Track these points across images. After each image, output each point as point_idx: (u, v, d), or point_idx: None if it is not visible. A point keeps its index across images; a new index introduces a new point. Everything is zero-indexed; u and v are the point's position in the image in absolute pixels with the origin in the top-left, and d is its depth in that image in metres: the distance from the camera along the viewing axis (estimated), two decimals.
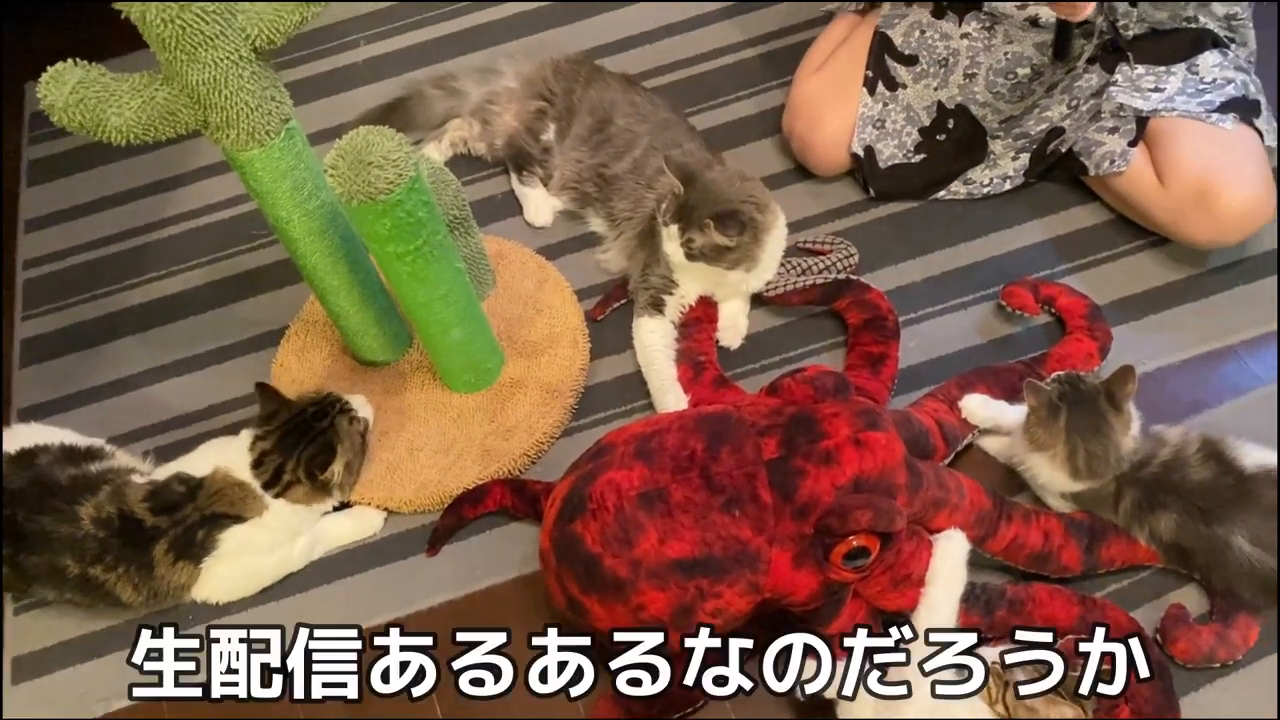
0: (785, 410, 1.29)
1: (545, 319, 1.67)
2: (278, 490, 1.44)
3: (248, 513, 1.44)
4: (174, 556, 1.42)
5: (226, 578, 1.46)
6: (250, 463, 1.45)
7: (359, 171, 1.21)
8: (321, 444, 1.46)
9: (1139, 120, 1.62)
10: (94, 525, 1.39)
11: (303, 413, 1.47)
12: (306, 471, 1.44)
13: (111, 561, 1.40)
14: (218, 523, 1.43)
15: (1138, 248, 1.67)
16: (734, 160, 1.83)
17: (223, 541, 1.43)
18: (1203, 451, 1.33)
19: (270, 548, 1.48)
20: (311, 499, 1.48)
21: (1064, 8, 1.49)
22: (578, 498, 1.27)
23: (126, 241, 1.95)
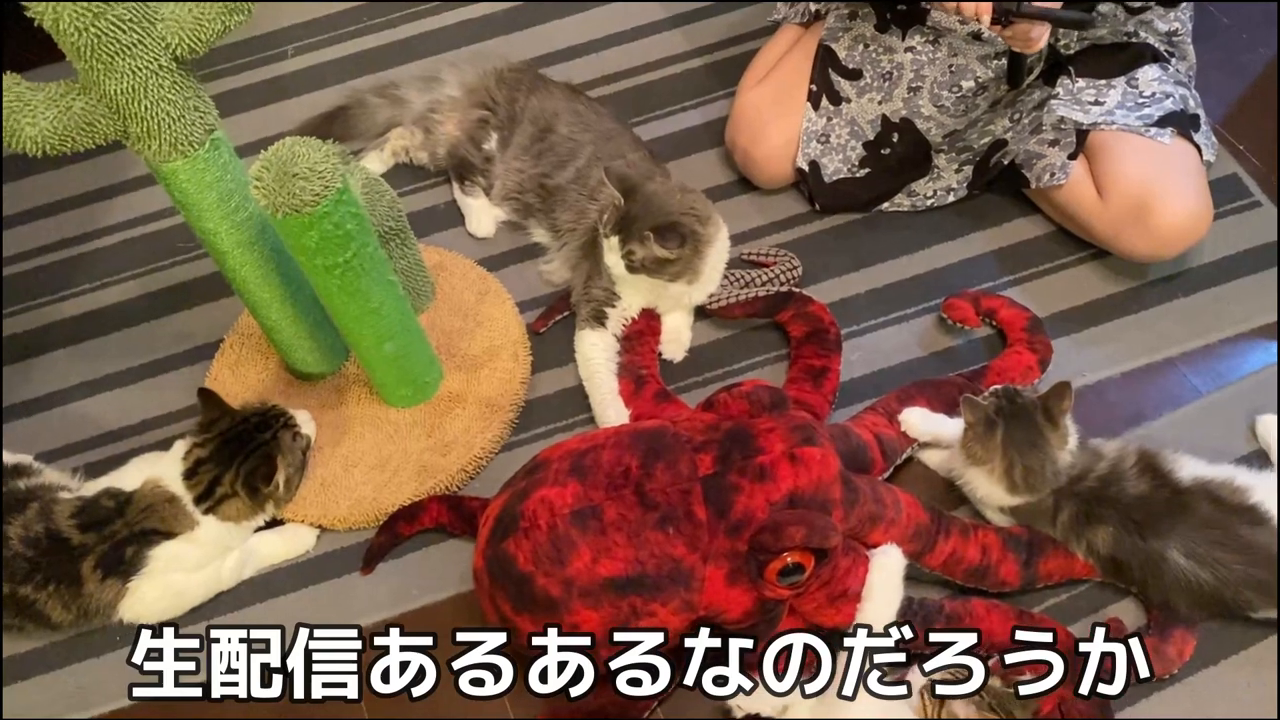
0: (721, 426, 1.28)
1: (486, 332, 1.64)
2: (210, 504, 1.41)
3: (178, 528, 1.40)
4: (102, 574, 1.38)
5: (154, 597, 1.42)
6: (183, 472, 1.41)
7: (284, 183, 1.18)
8: (262, 456, 1.43)
9: (1079, 133, 1.62)
10: (22, 544, 1.36)
11: (245, 422, 1.44)
12: (246, 484, 1.41)
13: (41, 580, 1.37)
14: (147, 539, 1.39)
15: (1078, 260, 1.67)
16: (679, 171, 1.82)
17: (152, 559, 1.39)
18: (1139, 465, 1.34)
19: (199, 565, 1.44)
20: (244, 515, 1.44)
21: (1018, 42, 1.48)
22: (510, 516, 1.25)
23: (59, 252, 1.91)
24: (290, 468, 1.46)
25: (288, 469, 1.45)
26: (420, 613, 1.44)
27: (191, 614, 1.46)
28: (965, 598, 1.33)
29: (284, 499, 1.48)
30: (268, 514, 1.48)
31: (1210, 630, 1.31)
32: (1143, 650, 1.17)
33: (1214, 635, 1.31)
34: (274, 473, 1.43)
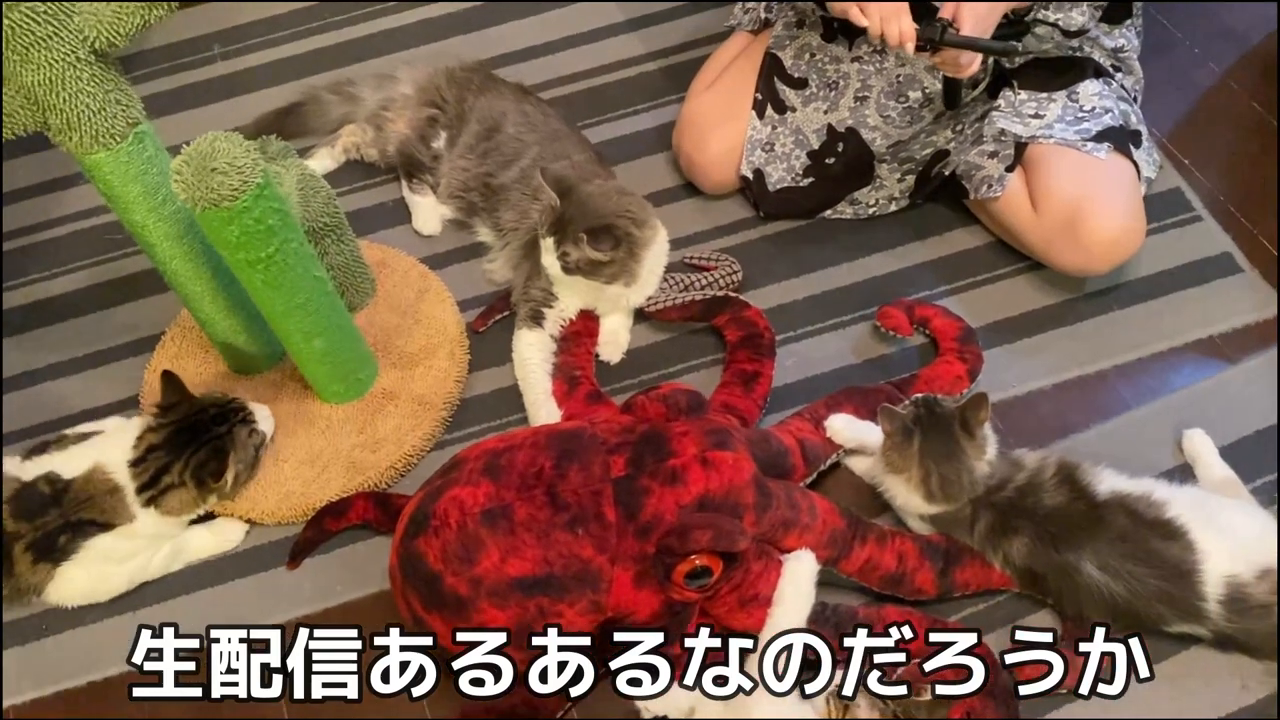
0: (637, 428, 1.28)
1: (424, 330, 1.65)
2: (153, 494, 1.40)
3: (116, 520, 1.40)
4: (33, 557, 1.38)
5: (81, 582, 1.42)
6: (131, 459, 1.41)
7: (203, 178, 1.19)
8: (213, 449, 1.42)
9: (1018, 146, 1.63)
10: None
11: (203, 412, 1.44)
12: (195, 477, 1.41)
13: None
14: (83, 529, 1.39)
15: (1016, 271, 1.68)
16: (626, 174, 1.82)
17: (85, 548, 1.40)
18: (1058, 476, 1.34)
19: (131, 556, 1.45)
20: (186, 508, 1.44)
21: (948, 67, 1.49)
22: (422, 514, 1.25)
23: (10, 242, 1.91)
24: (240, 464, 1.46)
25: (237, 465, 1.45)
26: (343, 608, 1.44)
27: (118, 603, 1.46)
28: (880, 604, 1.33)
29: (229, 495, 1.48)
30: (207, 508, 1.48)
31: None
32: (1143, 650, 1.18)
33: None
34: (224, 469, 1.43)
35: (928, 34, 1.41)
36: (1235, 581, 1.26)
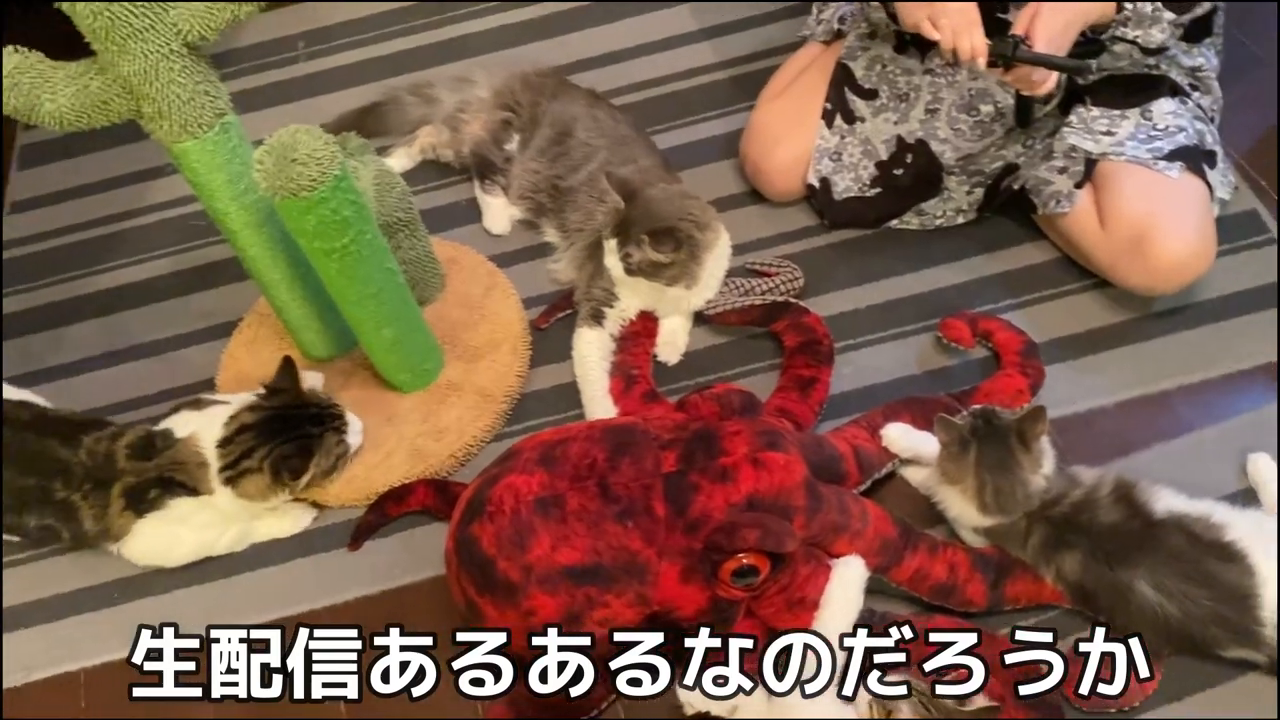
0: (690, 426, 1.30)
1: (489, 325, 1.69)
2: (233, 475, 1.45)
3: (200, 489, 1.46)
4: (124, 503, 1.45)
5: (152, 541, 1.48)
6: (220, 439, 1.45)
7: (283, 168, 1.24)
8: (300, 445, 1.46)
9: (1088, 162, 1.61)
10: (87, 456, 1.45)
11: (304, 408, 1.49)
12: (273, 468, 1.45)
13: (87, 489, 1.45)
14: (172, 488, 1.45)
15: (1083, 288, 1.66)
16: (693, 180, 1.85)
17: (169, 507, 1.46)
18: (1114, 494, 1.33)
19: (205, 526, 1.50)
20: (260, 495, 1.48)
21: (1022, 84, 1.48)
22: (478, 501, 1.29)
23: (102, 228, 2.01)
24: (319, 469, 1.49)
25: (316, 469, 1.48)
26: (400, 591, 1.48)
27: (184, 575, 1.52)
28: (928, 614, 1.33)
29: (298, 493, 1.51)
30: (280, 500, 1.51)
31: (1179, 666, 1.30)
32: (1143, 650, 1.17)
33: (1182, 671, 1.30)
34: (304, 470, 1.46)
35: (999, 50, 1.41)
36: None
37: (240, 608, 1.48)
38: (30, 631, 1.50)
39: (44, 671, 1.46)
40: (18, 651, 1.49)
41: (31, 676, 1.46)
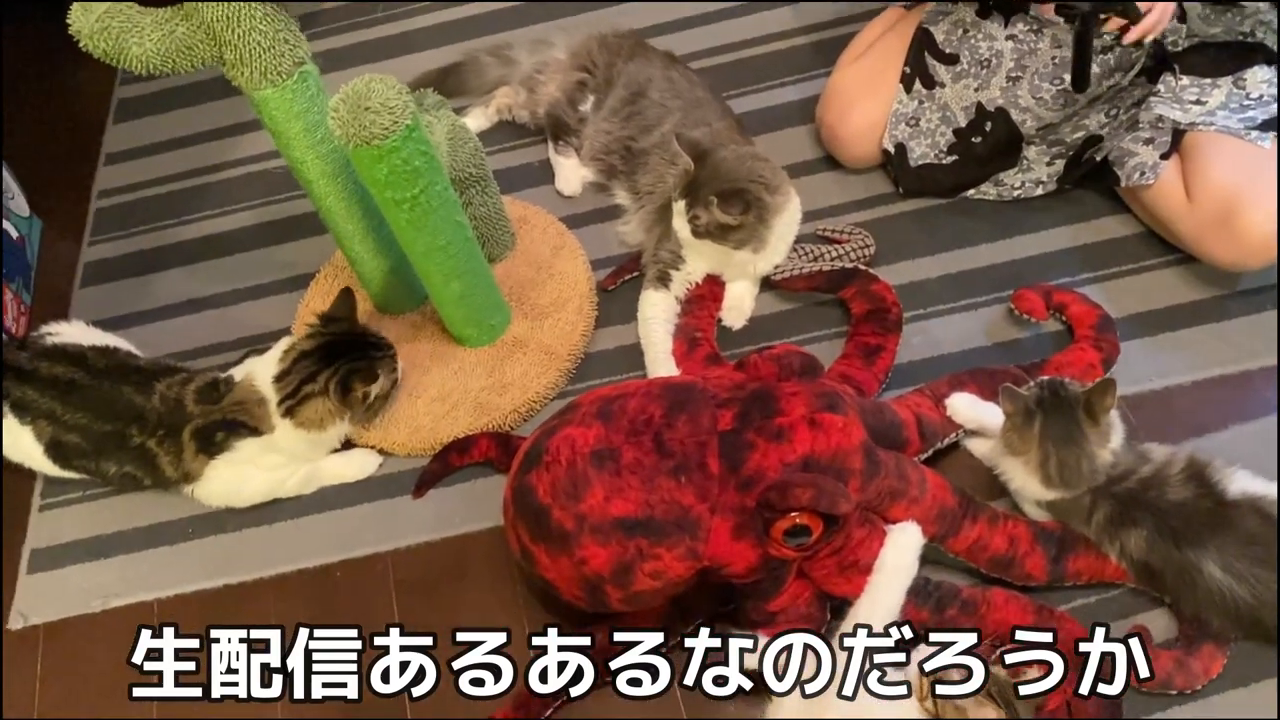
0: (748, 385, 1.30)
1: (556, 284, 1.70)
2: (292, 404, 1.48)
3: (262, 428, 1.50)
4: (196, 446, 1.50)
5: (223, 482, 1.53)
6: (276, 373, 1.49)
7: (357, 116, 1.26)
8: (366, 361, 1.50)
9: (1175, 132, 1.56)
10: (160, 401, 1.51)
11: (362, 336, 1.53)
12: (342, 381, 1.47)
13: (161, 435, 1.50)
14: (236, 430, 1.50)
15: (1165, 263, 1.61)
16: (767, 145, 1.83)
17: (236, 448, 1.50)
18: (1186, 472, 1.29)
19: (272, 468, 1.55)
20: (321, 421, 1.50)
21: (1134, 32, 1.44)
22: (536, 451, 1.30)
23: (191, 180, 2.07)
24: (382, 387, 1.52)
25: (379, 389, 1.52)
26: (460, 539, 1.51)
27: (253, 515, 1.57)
28: (986, 586, 1.31)
29: (361, 416, 1.55)
30: (340, 429, 1.54)
31: (1246, 651, 1.26)
32: (1143, 650, 1.13)
33: (1250, 657, 1.26)
34: (375, 378, 1.50)
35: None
36: None
37: (306, 548, 1.53)
38: (110, 561, 1.57)
39: (120, 600, 1.53)
40: (96, 580, 1.55)
41: (109, 604, 1.52)
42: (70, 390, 1.52)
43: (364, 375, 1.50)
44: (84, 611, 1.52)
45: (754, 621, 1.29)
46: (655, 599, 1.27)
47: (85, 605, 1.53)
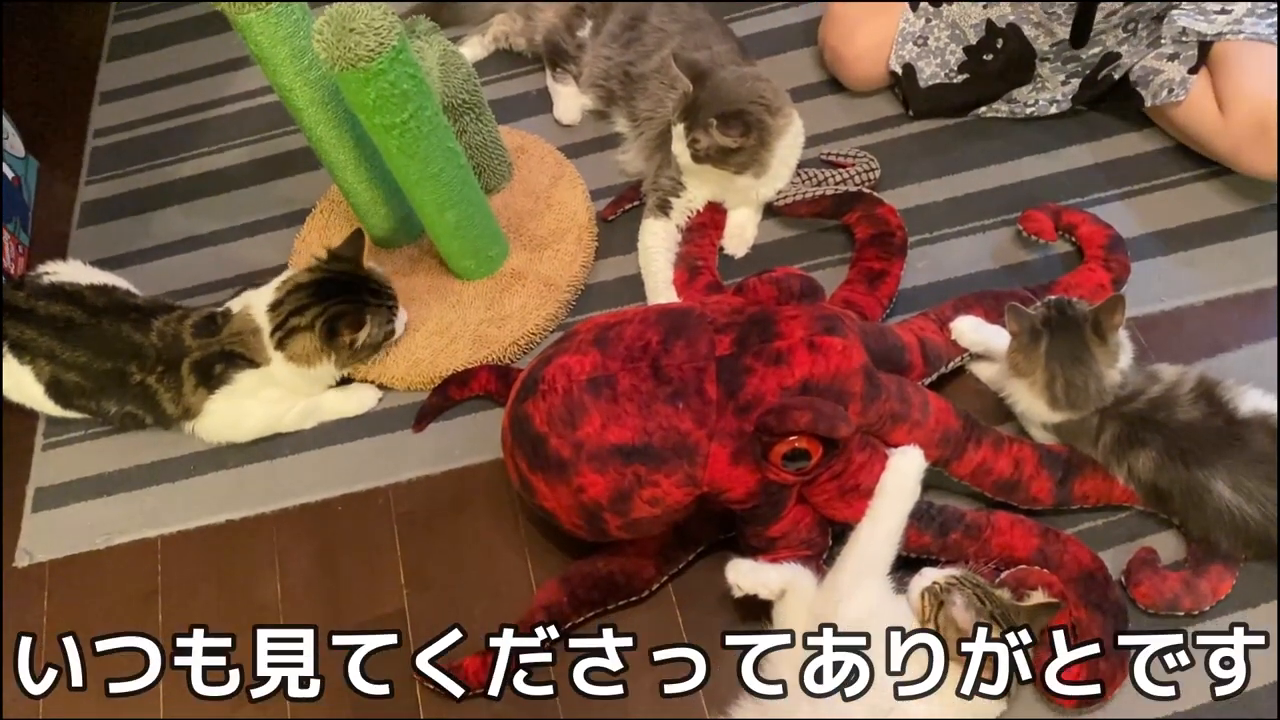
0: (746, 309, 1.27)
1: (555, 214, 1.67)
2: (281, 336, 1.47)
3: (258, 359, 1.49)
4: (195, 379, 1.49)
5: (223, 416, 1.52)
6: (270, 301, 1.48)
7: (342, 38, 1.23)
8: (356, 307, 1.48)
9: (1201, 45, 1.51)
10: (158, 338, 1.50)
11: (365, 279, 1.50)
12: (327, 324, 1.46)
13: (161, 372, 1.50)
14: (234, 362, 1.49)
15: (1192, 178, 1.57)
16: (770, 68, 1.78)
17: (234, 381, 1.49)
18: (1196, 391, 1.26)
19: (271, 402, 1.54)
20: (309, 358, 1.49)
21: None
22: (532, 380, 1.28)
23: (186, 117, 2.05)
24: (369, 339, 1.50)
25: (366, 337, 1.50)
26: (461, 472, 1.50)
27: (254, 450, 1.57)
28: (990, 510, 1.29)
29: (347, 360, 1.53)
30: (331, 368, 1.52)
31: (1255, 571, 1.24)
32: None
33: (1259, 577, 1.24)
34: (361, 325, 1.48)
35: None
36: None
37: (308, 483, 1.52)
38: (113, 499, 1.57)
39: (124, 537, 1.53)
40: (100, 517, 1.55)
41: (113, 541, 1.53)
42: (68, 329, 1.51)
43: (350, 321, 1.47)
44: (89, 549, 1.53)
45: (754, 548, 1.28)
46: (655, 526, 1.26)
47: (90, 542, 1.53)
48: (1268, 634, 1.16)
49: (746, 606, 1.25)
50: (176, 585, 1.47)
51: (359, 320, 1.48)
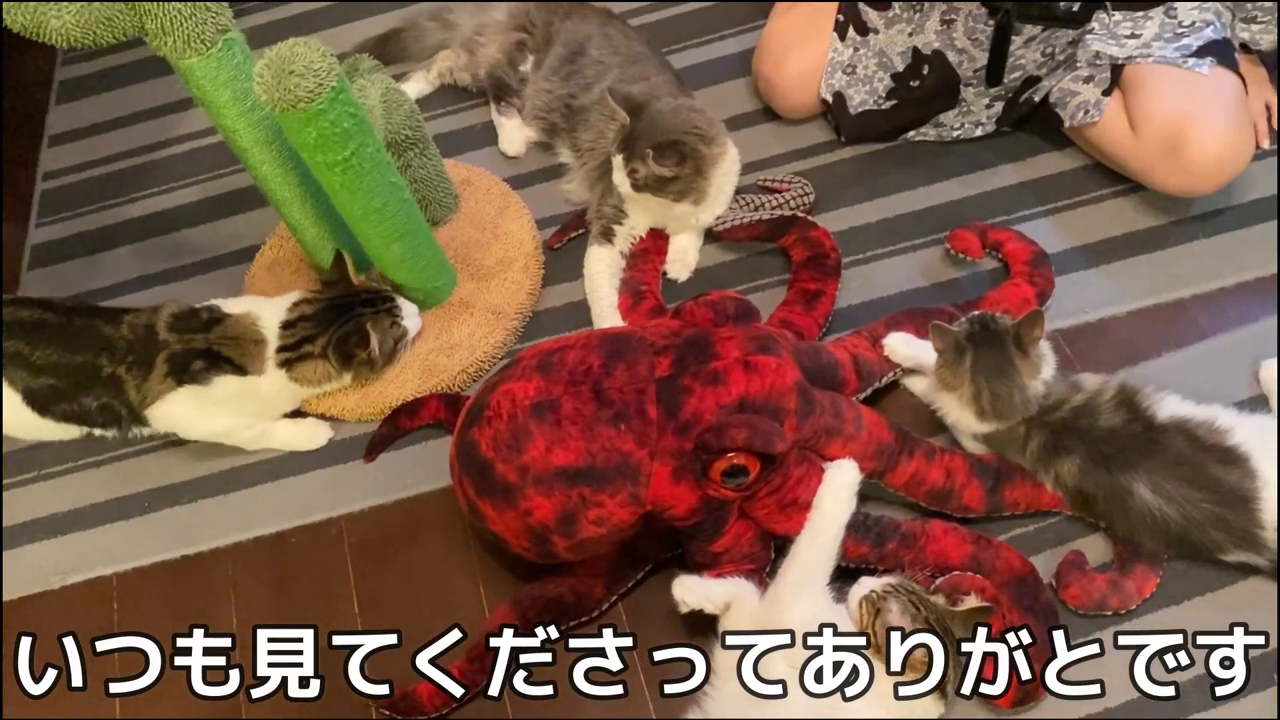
0: (684, 332, 1.31)
1: (501, 244, 1.71)
2: (290, 357, 1.49)
3: (249, 368, 1.49)
4: (167, 370, 1.49)
5: (183, 411, 1.51)
6: (284, 321, 1.50)
7: (281, 80, 1.26)
8: (356, 325, 1.50)
9: (1114, 68, 1.58)
10: (129, 330, 1.50)
11: (355, 296, 1.53)
12: (337, 349, 1.49)
13: (130, 363, 1.49)
14: (217, 363, 1.49)
15: (1111, 194, 1.64)
16: (708, 99, 1.84)
17: (213, 383, 1.49)
18: (1116, 399, 1.32)
19: (239, 413, 1.54)
20: (313, 380, 1.51)
21: None
22: (477, 407, 1.32)
23: (135, 158, 2.06)
24: (381, 348, 1.52)
25: (379, 342, 1.51)
26: (413, 500, 1.53)
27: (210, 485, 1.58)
28: (925, 519, 1.34)
29: (366, 374, 1.55)
30: (337, 384, 1.54)
31: (1179, 570, 1.29)
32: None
33: (1182, 575, 1.29)
34: (367, 341, 1.49)
35: None
36: None
37: (261, 516, 1.54)
38: (67, 539, 1.58)
39: (79, 575, 1.53)
40: (54, 557, 1.56)
41: (67, 580, 1.53)
42: (39, 329, 1.51)
43: (357, 341, 1.50)
44: (44, 589, 1.53)
45: (700, 564, 1.31)
46: (601, 546, 1.30)
47: (45, 582, 1.53)
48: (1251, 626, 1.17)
49: (694, 622, 1.28)
50: (132, 621, 1.48)
51: (363, 335, 1.50)
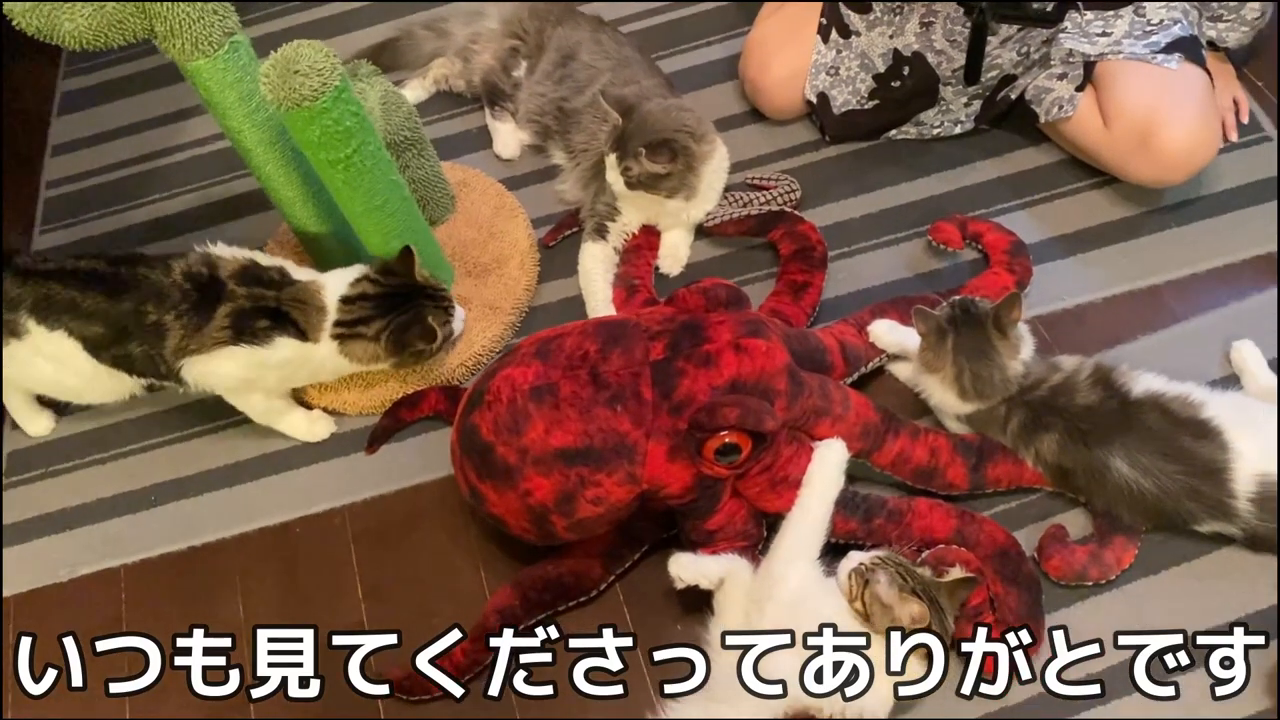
0: (678, 317, 1.36)
1: (497, 242, 1.76)
2: (343, 333, 1.48)
3: (310, 334, 1.48)
4: (228, 323, 1.45)
5: (229, 363, 1.48)
6: (344, 295, 1.48)
7: (286, 79, 1.31)
8: (417, 315, 1.50)
9: (1086, 65, 1.64)
10: (183, 278, 1.47)
11: (421, 289, 1.51)
12: (394, 338, 1.48)
13: (181, 311, 1.45)
14: (283, 324, 1.47)
15: (1086, 187, 1.70)
16: (696, 102, 1.88)
17: (274, 343, 1.47)
18: (1093, 378, 1.37)
19: (278, 380, 1.55)
20: (363, 359, 1.50)
21: None
22: (478, 392, 1.36)
23: (138, 166, 2.11)
24: (442, 338, 1.52)
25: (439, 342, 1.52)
26: (414, 490, 1.57)
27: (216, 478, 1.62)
28: (911, 496, 1.38)
29: (409, 364, 1.55)
30: (382, 365, 1.53)
31: (1156, 541, 1.34)
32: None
33: (1159, 546, 1.34)
34: (431, 334, 1.49)
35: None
36: (1267, 480, 1.27)
37: (266, 507, 1.58)
38: (76, 532, 1.61)
39: (88, 568, 1.57)
40: (63, 550, 1.59)
41: (76, 572, 1.57)
42: (91, 278, 1.49)
43: (419, 331, 1.49)
44: (52, 581, 1.56)
45: (694, 542, 1.36)
46: (599, 525, 1.34)
47: (53, 575, 1.57)
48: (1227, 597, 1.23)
49: (689, 598, 1.33)
50: (141, 612, 1.51)
51: (427, 328, 1.50)
